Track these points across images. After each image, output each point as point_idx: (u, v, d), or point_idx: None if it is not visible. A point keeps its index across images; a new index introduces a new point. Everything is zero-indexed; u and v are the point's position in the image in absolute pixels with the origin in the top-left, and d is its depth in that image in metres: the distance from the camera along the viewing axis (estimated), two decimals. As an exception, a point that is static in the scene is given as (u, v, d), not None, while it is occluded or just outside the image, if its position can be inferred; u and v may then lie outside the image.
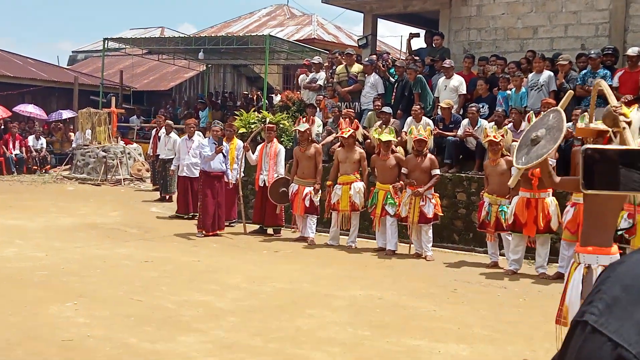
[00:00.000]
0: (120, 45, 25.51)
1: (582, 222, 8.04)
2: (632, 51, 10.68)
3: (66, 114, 23.99)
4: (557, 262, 8.91)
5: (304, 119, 11.49)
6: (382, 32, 20.95)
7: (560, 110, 4.67)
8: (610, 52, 10.96)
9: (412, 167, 9.92)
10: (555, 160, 8.82)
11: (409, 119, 11.55)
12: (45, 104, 25.27)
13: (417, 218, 9.79)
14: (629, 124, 4.14)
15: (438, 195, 10.12)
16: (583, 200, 4.74)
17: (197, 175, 12.64)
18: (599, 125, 4.65)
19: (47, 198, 15.32)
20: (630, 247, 8.25)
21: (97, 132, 19.71)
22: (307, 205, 10.85)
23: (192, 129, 13.26)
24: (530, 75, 11.37)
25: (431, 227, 9.95)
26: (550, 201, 8.87)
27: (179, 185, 13.42)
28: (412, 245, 10.16)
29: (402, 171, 10.00)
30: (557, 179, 4.94)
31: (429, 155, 9.96)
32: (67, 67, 33.37)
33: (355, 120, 11.26)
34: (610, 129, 4.56)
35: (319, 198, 10.95)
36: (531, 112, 9.54)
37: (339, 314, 6.76)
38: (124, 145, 19.94)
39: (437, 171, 9.96)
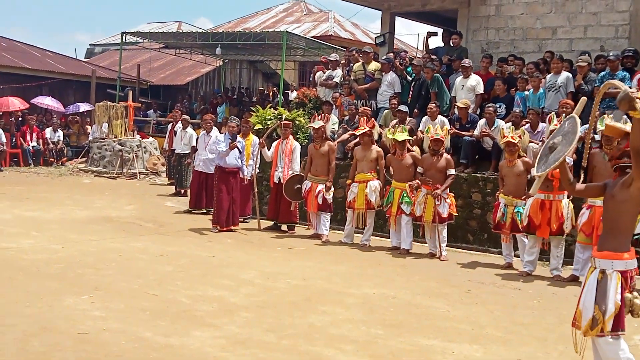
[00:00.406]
0: (137, 39, 25.62)
1: (597, 225, 8.06)
2: (651, 53, 10.60)
3: (83, 107, 24.13)
4: (572, 265, 8.88)
5: (319, 116, 11.50)
6: (399, 30, 21.07)
7: (575, 116, 4.67)
8: (630, 54, 10.86)
9: (427, 166, 9.91)
10: (572, 159, 8.77)
11: (425, 117, 11.53)
12: (63, 97, 25.43)
13: (431, 217, 9.78)
14: None
15: (453, 195, 10.10)
16: (603, 204, 4.71)
17: (213, 171, 12.74)
18: (627, 126, 4.63)
19: (63, 190, 15.43)
20: (647, 251, 8.20)
21: (113, 126, 19.83)
22: (320, 203, 10.86)
23: (209, 124, 13.30)
24: (548, 76, 11.31)
25: (446, 227, 9.93)
26: (565, 203, 8.83)
27: (193, 180, 13.48)
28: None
29: (418, 170, 9.99)
30: (580, 186, 4.92)
31: (445, 155, 9.94)
32: (85, 60, 33.58)
33: (372, 118, 11.26)
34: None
35: (331, 195, 10.95)
36: (552, 113, 9.53)
37: (352, 312, 6.77)
38: (140, 139, 20.05)
39: (453, 171, 9.93)
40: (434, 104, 11.45)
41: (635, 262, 4.59)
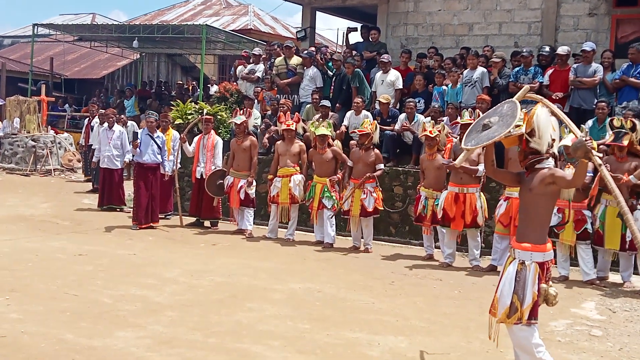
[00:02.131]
0: (50, 31, 24.75)
1: (515, 216, 8.33)
2: (562, 50, 11.00)
3: (-6, 102, 23.14)
4: (490, 255, 9.14)
5: (241, 111, 11.42)
6: (318, 25, 20.93)
7: (516, 101, 4.75)
8: (546, 53, 11.22)
9: (356, 160, 9.95)
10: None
11: (349, 112, 11.64)
12: (-31, 91, 24.28)
13: (359, 211, 9.84)
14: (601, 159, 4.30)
15: (380, 190, 10.15)
16: (519, 197, 4.87)
17: (119, 167, 12.57)
18: (518, 130, 4.75)
19: (-27, 188, 14.79)
20: (560, 241, 8.55)
21: (26, 121, 19.11)
22: (243, 198, 10.80)
23: (111, 119, 13.03)
24: (465, 72, 11.58)
25: (372, 220, 10.03)
26: (478, 196, 9.06)
27: (100, 177, 13.09)
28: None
29: (348, 164, 10.02)
30: (497, 169, 5.10)
31: (374, 149, 9.99)
32: (-7, 52, 32.18)
33: (297, 113, 11.27)
34: (525, 134, 4.71)
35: (253, 190, 10.90)
36: (464, 109, 9.77)
37: (279, 308, 6.77)
38: (54, 134, 19.39)
39: (382, 165, 9.99)
40: (360, 99, 11.56)
41: (552, 253, 4.77)
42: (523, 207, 4.82)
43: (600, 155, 4.55)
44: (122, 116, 16.02)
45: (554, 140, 4.71)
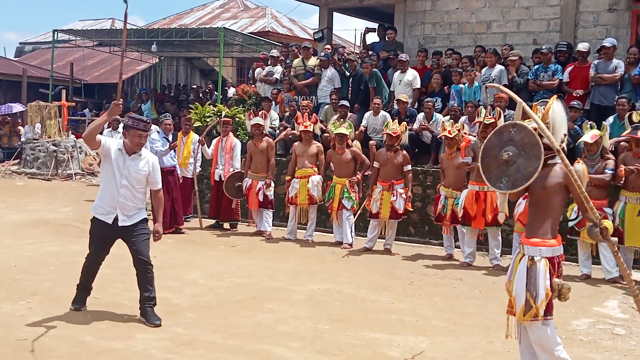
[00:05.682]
0: (69, 36, 25.00)
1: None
2: (582, 46, 10.90)
3: (17, 108, 23.35)
4: (511, 254, 9.06)
5: (256, 113, 11.42)
6: (335, 26, 21.00)
7: (521, 122, 4.57)
8: (564, 48, 11.15)
9: (383, 161, 9.85)
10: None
11: (367, 113, 11.61)
12: (-8, 97, 24.64)
13: (388, 214, 9.74)
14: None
15: (407, 189, 10.07)
16: (529, 193, 4.76)
17: None
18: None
19: (-4, 193, 14.95)
20: (580, 239, 8.47)
21: (47, 126, 19.31)
22: (261, 200, 10.81)
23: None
24: (483, 70, 11.52)
25: (397, 222, 9.97)
26: (499, 194, 8.95)
27: None
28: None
29: (374, 165, 9.97)
30: None
31: (402, 151, 9.88)
32: (15, 59, 32.56)
33: (314, 114, 11.27)
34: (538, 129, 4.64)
35: (272, 192, 10.90)
36: (481, 107, 9.71)
37: (299, 308, 6.77)
38: (75, 139, 19.57)
39: (409, 166, 9.90)
40: (378, 99, 11.53)
41: (561, 248, 4.68)
42: (534, 202, 4.72)
43: (615, 239, 4.55)
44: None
45: (565, 135, 4.66)
